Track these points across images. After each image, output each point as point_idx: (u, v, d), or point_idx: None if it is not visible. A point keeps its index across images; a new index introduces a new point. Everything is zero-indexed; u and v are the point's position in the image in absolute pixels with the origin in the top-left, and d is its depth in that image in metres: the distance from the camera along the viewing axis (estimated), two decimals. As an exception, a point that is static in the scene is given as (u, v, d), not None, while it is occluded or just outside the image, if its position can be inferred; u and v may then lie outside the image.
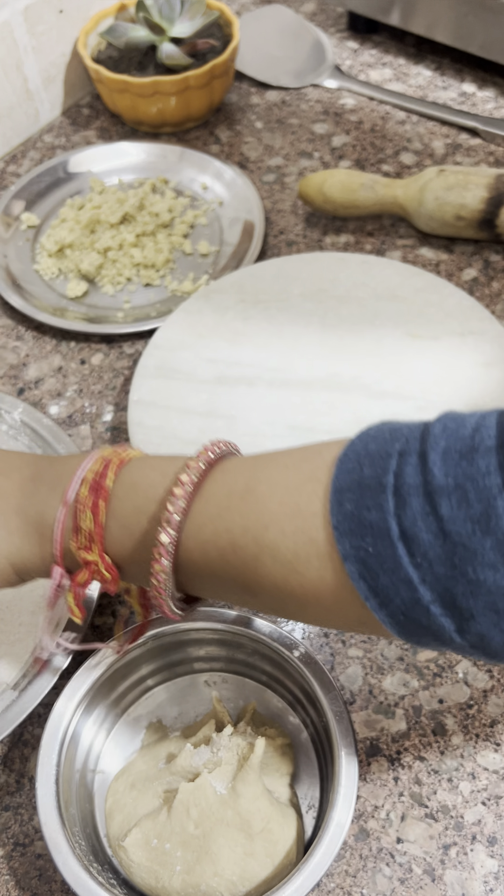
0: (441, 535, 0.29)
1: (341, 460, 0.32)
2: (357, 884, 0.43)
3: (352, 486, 0.31)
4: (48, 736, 0.42)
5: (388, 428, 0.33)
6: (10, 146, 0.81)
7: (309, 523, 0.32)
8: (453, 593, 0.29)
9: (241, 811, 0.40)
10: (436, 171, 0.67)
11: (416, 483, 0.30)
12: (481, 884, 0.42)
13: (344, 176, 0.68)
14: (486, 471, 0.28)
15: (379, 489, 0.30)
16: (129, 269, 0.69)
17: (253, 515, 0.34)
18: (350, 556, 0.31)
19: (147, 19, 0.76)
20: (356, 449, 0.33)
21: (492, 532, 0.28)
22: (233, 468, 0.37)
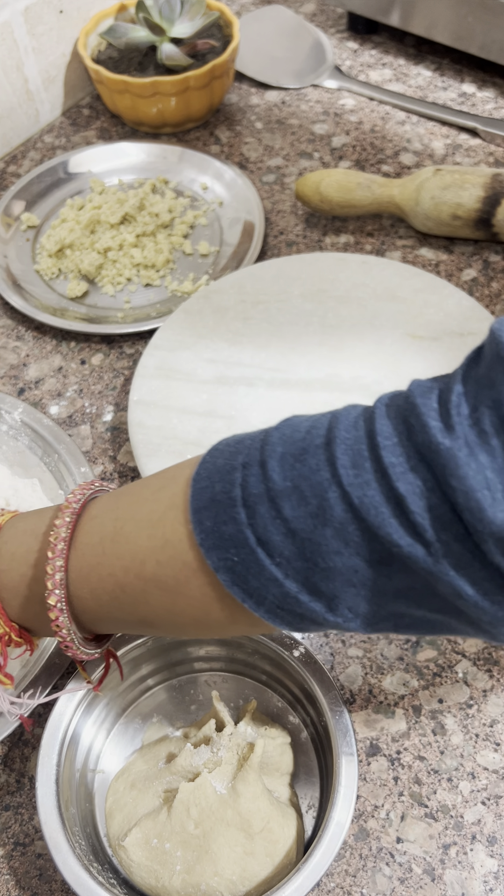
0: (290, 535, 0.31)
1: (195, 480, 0.35)
2: (357, 883, 0.43)
3: (207, 504, 0.33)
4: (48, 736, 0.42)
5: (234, 440, 0.36)
6: (11, 146, 0.81)
7: (178, 549, 0.35)
8: (314, 581, 0.32)
9: (241, 811, 0.40)
10: (432, 170, 0.67)
11: (260, 491, 0.32)
12: (481, 883, 0.42)
13: (341, 176, 0.68)
14: (316, 467, 0.31)
15: (230, 503, 0.33)
16: (130, 269, 0.69)
17: (128, 555, 0.36)
18: (220, 568, 0.33)
19: (147, 20, 0.76)
20: (207, 467, 0.35)
21: (329, 523, 0.30)
22: (99, 512, 0.38)
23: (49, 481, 0.55)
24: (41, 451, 0.56)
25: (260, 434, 0.35)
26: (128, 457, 0.59)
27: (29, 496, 0.54)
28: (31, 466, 0.56)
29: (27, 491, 0.54)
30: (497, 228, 0.66)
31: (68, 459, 0.55)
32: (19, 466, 0.56)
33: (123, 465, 0.59)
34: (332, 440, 0.31)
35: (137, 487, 0.39)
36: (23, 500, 0.54)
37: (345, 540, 0.30)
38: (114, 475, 0.58)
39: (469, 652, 0.49)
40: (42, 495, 0.54)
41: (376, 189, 0.68)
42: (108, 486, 0.41)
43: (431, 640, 0.50)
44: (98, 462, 0.59)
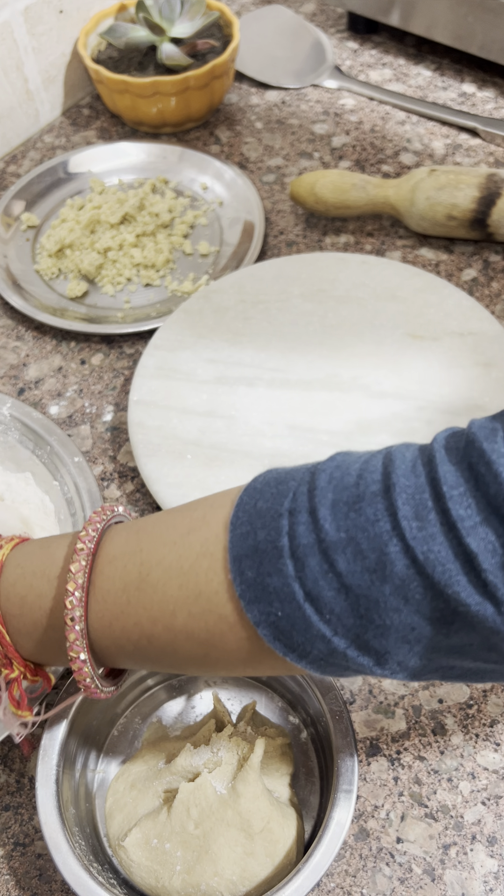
0: (343, 590, 0.29)
1: (234, 524, 0.32)
2: (357, 883, 0.43)
3: (249, 552, 0.31)
4: (48, 736, 0.42)
5: (273, 479, 0.33)
6: (11, 146, 0.81)
7: (214, 602, 0.32)
8: (365, 638, 0.30)
9: (241, 811, 0.40)
10: (427, 171, 0.67)
11: (310, 542, 0.30)
12: (481, 883, 0.42)
13: (336, 176, 0.68)
14: (375, 518, 0.29)
15: (276, 554, 0.30)
16: (130, 269, 0.69)
17: (156, 606, 0.34)
18: (262, 623, 0.31)
19: (147, 20, 0.76)
20: (246, 510, 0.32)
21: (388, 579, 0.28)
22: (118, 553, 0.35)
23: (42, 474, 0.55)
24: (32, 444, 0.56)
25: (305, 475, 0.32)
26: (128, 457, 0.59)
27: (22, 490, 0.54)
28: (22, 461, 0.56)
29: (20, 485, 0.55)
30: (492, 228, 0.66)
31: (61, 451, 0.55)
32: (11, 461, 0.56)
33: (123, 465, 0.59)
34: (390, 487, 0.29)
35: (162, 527, 0.35)
36: (17, 493, 0.54)
37: (405, 597, 0.28)
38: (114, 475, 0.58)
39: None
40: (36, 488, 0.55)
41: (371, 190, 0.68)
42: (121, 514, 0.38)
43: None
44: (98, 462, 0.59)
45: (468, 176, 0.66)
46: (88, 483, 0.53)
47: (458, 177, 0.66)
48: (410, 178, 0.67)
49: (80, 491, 0.53)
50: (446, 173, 0.66)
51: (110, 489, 0.58)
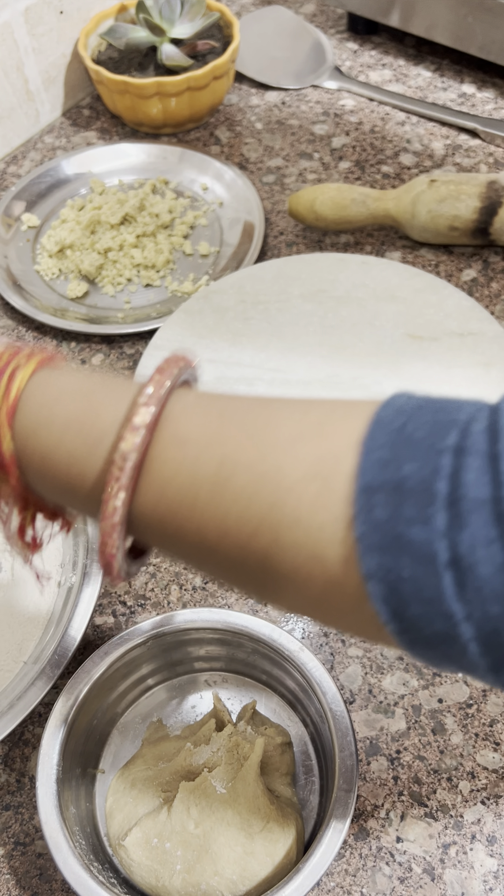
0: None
1: (369, 446, 0.24)
2: (357, 883, 0.43)
3: (386, 486, 0.24)
4: (49, 735, 0.42)
5: (429, 405, 0.25)
6: (11, 147, 0.81)
7: (315, 537, 0.25)
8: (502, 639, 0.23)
9: (241, 810, 0.40)
10: (426, 181, 0.66)
11: (482, 496, 0.22)
12: (481, 883, 0.42)
13: (334, 192, 0.67)
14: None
15: (426, 498, 0.23)
16: (130, 269, 0.69)
17: (232, 518, 0.27)
18: (375, 576, 0.24)
19: (147, 20, 0.76)
20: (389, 431, 0.25)
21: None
22: (192, 436, 0.28)
23: None
24: None
25: (476, 409, 0.24)
26: (128, 457, 0.59)
27: None
28: None
29: None
30: (494, 236, 0.66)
31: None
32: None
33: (123, 466, 0.59)
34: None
35: (257, 421, 0.27)
36: None
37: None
38: (114, 475, 0.58)
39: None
40: None
41: (371, 203, 0.67)
42: (192, 371, 0.30)
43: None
44: (98, 462, 0.59)
45: (468, 186, 0.65)
46: None
47: (459, 187, 0.65)
48: (410, 189, 0.67)
49: None
50: (446, 184, 0.66)
51: (110, 489, 0.58)
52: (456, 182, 0.66)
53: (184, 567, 0.54)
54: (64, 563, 0.51)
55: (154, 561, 0.54)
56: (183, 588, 0.53)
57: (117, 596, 0.53)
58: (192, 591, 0.53)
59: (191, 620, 0.45)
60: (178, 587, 0.53)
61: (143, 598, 0.53)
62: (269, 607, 0.52)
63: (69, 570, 0.50)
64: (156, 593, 0.53)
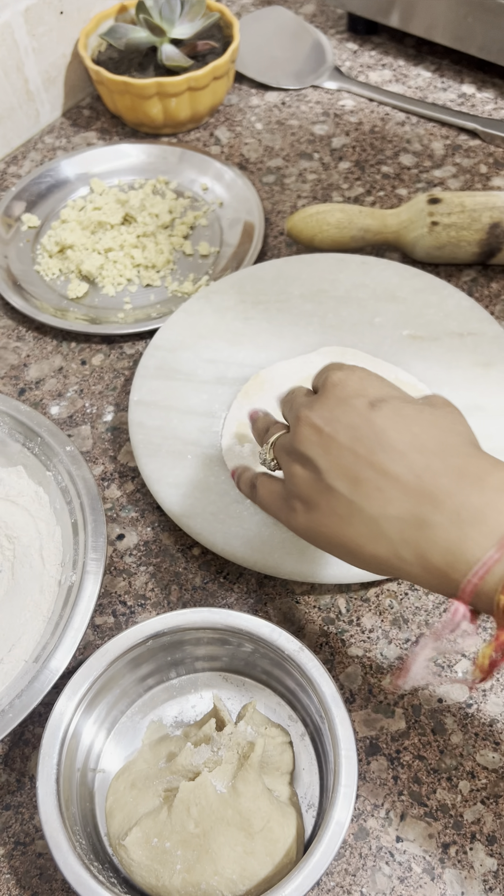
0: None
1: None
2: (357, 882, 0.43)
3: None
4: (49, 735, 0.42)
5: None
6: (11, 147, 0.81)
7: None
8: None
9: (241, 810, 0.40)
10: (427, 221, 0.65)
11: None
12: (480, 882, 0.42)
13: (334, 231, 0.66)
14: None
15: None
16: (130, 269, 0.69)
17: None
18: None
19: (147, 21, 0.76)
20: None
21: None
22: None
23: (34, 465, 0.55)
24: (22, 437, 0.56)
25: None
26: (128, 457, 0.59)
27: (16, 483, 0.54)
28: (13, 454, 0.56)
29: (12, 479, 0.55)
30: (495, 264, 0.67)
31: (51, 441, 0.55)
32: (2, 456, 0.57)
33: (124, 465, 0.59)
34: None
35: None
36: (10, 487, 0.54)
37: None
38: (114, 475, 0.58)
39: (469, 651, 0.49)
40: (29, 480, 0.55)
41: (370, 238, 0.67)
42: None
43: (431, 640, 0.50)
44: (98, 462, 0.59)
45: (469, 231, 0.64)
46: (82, 471, 0.53)
47: (459, 234, 0.64)
48: (410, 227, 0.66)
49: (75, 479, 0.53)
50: (447, 229, 0.64)
51: (111, 489, 0.58)
52: (457, 227, 0.64)
53: (183, 567, 0.54)
54: (64, 563, 0.51)
55: (154, 561, 0.54)
56: (183, 588, 0.53)
57: (117, 596, 0.53)
58: (192, 591, 0.53)
59: (191, 620, 0.45)
60: (178, 587, 0.53)
61: (144, 598, 0.53)
62: (269, 607, 0.52)
63: (69, 570, 0.50)
64: (156, 593, 0.53)
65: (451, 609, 0.34)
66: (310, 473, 0.37)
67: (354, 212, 0.67)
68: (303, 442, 0.37)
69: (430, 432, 0.35)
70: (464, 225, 0.64)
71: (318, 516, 0.37)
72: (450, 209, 0.64)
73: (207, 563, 0.54)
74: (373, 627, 0.51)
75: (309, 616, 0.51)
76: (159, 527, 0.56)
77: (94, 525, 0.51)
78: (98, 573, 0.49)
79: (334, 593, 0.52)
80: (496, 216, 0.64)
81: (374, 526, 0.35)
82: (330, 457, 0.36)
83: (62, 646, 0.46)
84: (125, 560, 0.54)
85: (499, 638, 0.32)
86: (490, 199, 0.65)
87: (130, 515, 0.56)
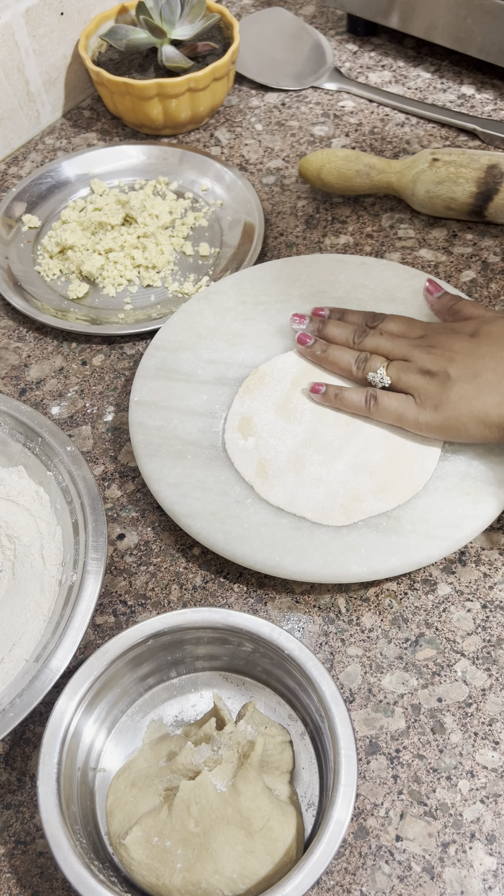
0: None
1: None
2: (356, 881, 0.43)
3: None
4: (49, 734, 0.43)
5: None
6: (12, 148, 0.81)
7: None
8: None
9: (241, 809, 0.40)
10: (429, 158, 0.68)
11: None
12: (480, 881, 0.43)
13: (341, 162, 0.70)
14: None
15: None
16: (130, 270, 0.69)
17: None
18: None
19: (147, 22, 0.77)
20: None
21: None
22: None
23: (35, 465, 0.55)
24: (23, 437, 0.56)
25: None
26: (128, 457, 0.59)
27: (16, 483, 0.55)
28: (14, 454, 0.56)
29: (13, 479, 0.55)
30: (490, 218, 0.69)
31: (52, 441, 0.55)
32: (2, 456, 0.57)
33: (124, 466, 0.59)
34: None
35: None
36: (11, 487, 0.54)
37: None
38: (115, 475, 0.59)
39: (468, 651, 0.49)
40: (29, 480, 0.55)
41: (375, 176, 0.70)
42: None
43: (430, 640, 0.50)
44: (99, 462, 0.59)
45: (468, 169, 0.67)
46: (82, 471, 0.53)
47: (458, 170, 0.67)
48: (412, 165, 0.69)
49: (76, 479, 0.53)
50: (447, 165, 0.68)
51: (111, 489, 0.58)
52: (456, 164, 0.68)
53: (183, 567, 0.54)
54: (65, 562, 0.51)
55: (154, 561, 0.54)
56: (183, 588, 0.53)
57: (118, 595, 0.53)
58: (193, 590, 0.53)
59: (191, 620, 0.46)
60: (179, 587, 0.53)
61: (144, 597, 0.53)
62: (269, 607, 0.52)
63: (70, 569, 0.50)
64: (156, 593, 0.53)
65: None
66: (438, 381, 0.52)
67: (362, 152, 0.72)
68: (431, 362, 0.53)
69: None
70: (463, 163, 0.68)
71: (449, 408, 0.51)
72: (451, 151, 0.69)
73: (207, 562, 0.54)
74: (372, 627, 0.51)
75: (309, 616, 0.51)
76: (159, 527, 0.56)
77: (94, 525, 0.51)
78: (98, 573, 0.49)
79: (334, 593, 0.52)
80: (494, 160, 0.67)
81: (495, 394, 0.50)
82: (454, 366, 0.52)
83: (63, 645, 0.47)
84: (126, 560, 0.55)
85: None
86: (491, 151, 0.69)
87: (131, 515, 0.57)
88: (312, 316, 0.61)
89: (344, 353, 0.57)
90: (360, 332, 0.58)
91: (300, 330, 0.60)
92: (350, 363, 0.57)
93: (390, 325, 0.58)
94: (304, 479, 0.54)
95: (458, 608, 0.51)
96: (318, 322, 0.60)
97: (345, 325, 0.59)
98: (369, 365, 0.56)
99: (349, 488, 0.53)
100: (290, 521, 0.52)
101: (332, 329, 0.59)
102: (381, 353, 0.56)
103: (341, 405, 0.56)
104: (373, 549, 0.50)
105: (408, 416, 0.53)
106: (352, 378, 0.58)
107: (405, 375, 0.54)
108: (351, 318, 0.60)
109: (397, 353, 0.56)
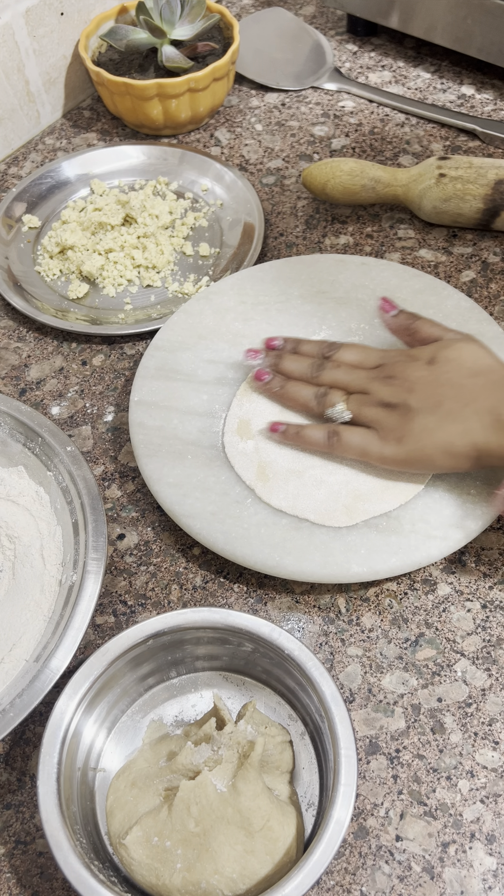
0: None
1: None
2: (356, 881, 0.43)
3: None
4: (49, 734, 0.43)
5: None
6: (12, 148, 0.81)
7: None
8: None
9: (241, 809, 0.40)
10: (435, 174, 0.67)
11: None
12: (480, 881, 0.43)
13: (346, 178, 0.69)
14: None
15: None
16: (130, 270, 0.69)
17: None
18: None
19: (148, 22, 0.77)
20: None
21: None
22: None
23: (35, 466, 0.55)
24: (23, 437, 0.56)
25: None
26: (128, 457, 0.59)
27: (16, 483, 0.55)
28: (14, 454, 0.56)
29: (13, 479, 0.55)
30: (498, 228, 0.69)
31: (52, 441, 0.55)
32: (2, 456, 0.57)
33: (124, 466, 0.59)
34: None
35: None
36: (11, 487, 0.54)
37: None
38: (115, 475, 0.59)
39: (468, 651, 0.50)
40: (29, 480, 0.55)
41: (381, 190, 0.70)
42: None
43: (430, 640, 0.50)
44: (99, 462, 0.59)
45: (475, 185, 0.66)
46: (82, 471, 0.53)
47: (465, 187, 0.66)
48: (419, 179, 0.68)
49: (76, 479, 0.53)
50: (453, 181, 0.67)
51: (111, 489, 0.58)
52: (463, 180, 0.67)
53: (183, 567, 0.54)
54: (65, 562, 0.51)
55: (154, 561, 0.54)
56: (183, 588, 0.53)
57: (118, 595, 0.53)
58: (193, 590, 0.53)
59: (191, 620, 0.46)
60: (179, 587, 0.53)
61: (144, 597, 0.53)
62: (269, 607, 0.52)
63: (70, 569, 0.50)
64: (156, 593, 0.53)
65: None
66: (399, 413, 0.51)
67: (367, 164, 0.70)
68: (391, 394, 0.51)
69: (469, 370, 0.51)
70: (470, 179, 0.67)
71: (412, 440, 0.50)
72: (457, 164, 0.68)
73: (207, 562, 0.54)
74: (372, 627, 0.51)
75: (309, 616, 0.51)
76: (159, 527, 0.56)
77: (94, 525, 0.51)
78: (98, 573, 0.49)
79: (334, 593, 0.52)
80: (502, 174, 0.66)
81: (458, 423, 0.49)
82: (414, 396, 0.50)
83: (63, 645, 0.47)
84: (126, 560, 0.55)
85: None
86: (497, 161, 0.68)
87: (131, 515, 0.57)
88: (267, 350, 0.58)
89: (302, 389, 0.55)
90: (316, 364, 0.56)
91: (256, 366, 0.58)
92: (309, 398, 0.55)
93: (346, 355, 0.56)
94: (306, 482, 0.54)
95: (458, 608, 0.51)
96: (274, 356, 0.58)
97: (301, 359, 0.57)
98: (328, 399, 0.54)
99: (351, 489, 0.53)
100: (290, 521, 0.52)
101: (289, 363, 0.57)
102: (340, 385, 0.54)
103: (302, 444, 0.54)
104: (373, 549, 0.50)
105: (371, 450, 0.52)
106: (312, 413, 0.56)
107: (365, 409, 0.52)
108: (306, 348, 0.57)
109: (355, 386, 0.54)
